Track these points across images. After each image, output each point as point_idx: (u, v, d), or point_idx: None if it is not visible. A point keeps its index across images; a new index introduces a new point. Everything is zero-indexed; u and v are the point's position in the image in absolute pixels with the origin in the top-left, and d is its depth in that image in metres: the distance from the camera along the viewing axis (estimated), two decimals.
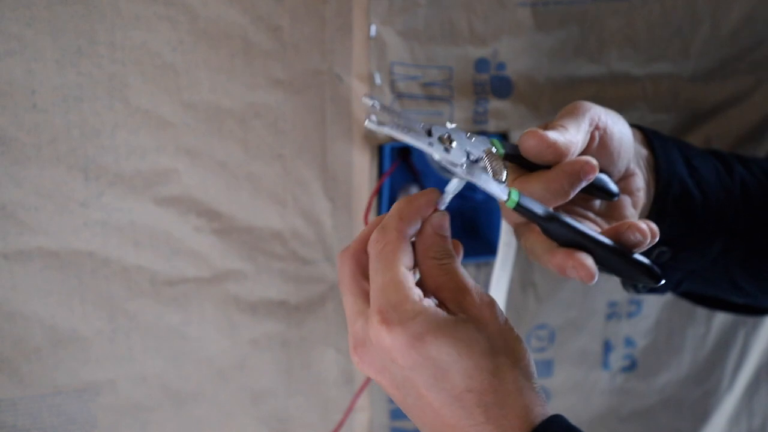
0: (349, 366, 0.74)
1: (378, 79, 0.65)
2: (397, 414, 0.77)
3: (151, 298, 0.66)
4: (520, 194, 0.48)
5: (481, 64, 0.66)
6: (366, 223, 0.66)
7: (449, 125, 0.47)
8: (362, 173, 0.68)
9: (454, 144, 0.46)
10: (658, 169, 0.57)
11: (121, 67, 0.60)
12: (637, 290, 0.61)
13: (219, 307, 0.68)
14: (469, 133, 0.47)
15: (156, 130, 0.62)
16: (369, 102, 0.46)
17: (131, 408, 0.69)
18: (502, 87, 0.67)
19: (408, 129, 0.45)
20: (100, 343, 0.66)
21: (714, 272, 0.61)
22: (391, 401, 0.77)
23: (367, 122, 0.44)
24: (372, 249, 0.46)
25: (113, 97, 0.60)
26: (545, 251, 0.49)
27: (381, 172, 0.68)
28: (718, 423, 0.87)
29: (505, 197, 0.48)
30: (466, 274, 0.47)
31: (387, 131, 0.45)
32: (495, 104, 0.68)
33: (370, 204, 0.67)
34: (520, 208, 0.48)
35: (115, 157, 0.62)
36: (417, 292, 0.44)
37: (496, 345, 0.44)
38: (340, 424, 0.73)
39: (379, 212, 0.70)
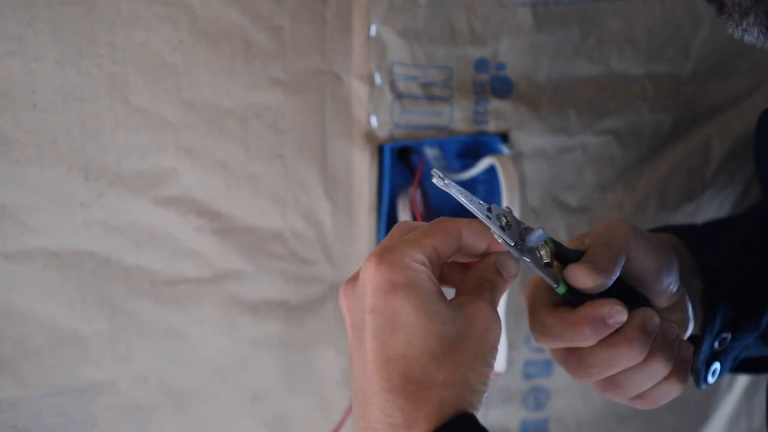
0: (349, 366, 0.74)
1: (378, 79, 0.65)
2: None
3: (151, 298, 0.66)
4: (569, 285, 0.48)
5: (481, 64, 0.66)
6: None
7: (504, 206, 0.48)
8: (362, 173, 0.68)
9: (510, 223, 0.47)
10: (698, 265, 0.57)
11: (122, 67, 0.60)
12: (708, 383, 0.60)
13: (219, 307, 0.68)
14: (524, 224, 0.48)
15: (156, 130, 0.62)
16: (438, 174, 0.46)
17: (131, 408, 0.69)
18: (502, 87, 0.67)
19: (470, 198, 0.46)
20: (100, 343, 0.66)
21: (764, 338, 0.61)
22: None
23: (435, 179, 0.46)
24: (430, 222, 0.46)
25: (113, 97, 0.60)
26: (562, 319, 0.49)
27: (381, 172, 0.68)
28: (718, 423, 0.87)
29: (556, 285, 0.48)
30: (497, 300, 0.46)
31: (454, 192, 0.46)
32: (495, 104, 0.68)
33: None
34: (569, 296, 0.49)
35: (116, 157, 0.62)
36: (423, 260, 0.44)
37: (461, 343, 0.43)
38: (340, 424, 0.73)
39: (378, 213, 0.70)
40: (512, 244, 0.46)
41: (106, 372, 0.67)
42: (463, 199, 0.46)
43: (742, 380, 0.86)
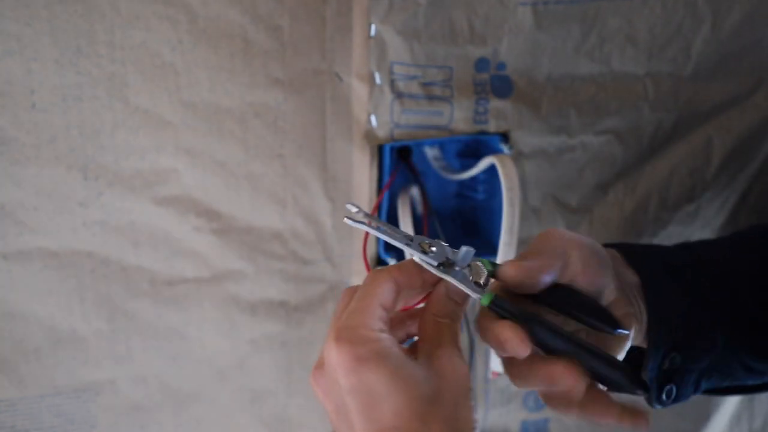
0: None
1: (378, 79, 0.65)
2: None
3: (150, 298, 0.66)
4: (496, 296, 0.48)
5: (481, 64, 0.66)
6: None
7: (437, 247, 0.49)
8: (362, 173, 0.68)
9: (434, 249, 0.48)
10: (646, 296, 0.56)
11: (121, 66, 0.60)
12: (662, 403, 0.59)
13: (219, 307, 0.68)
14: (454, 250, 0.49)
15: (155, 129, 0.62)
16: (353, 209, 0.48)
17: (131, 408, 0.69)
18: (502, 87, 0.67)
19: (388, 232, 0.48)
20: (99, 343, 0.66)
21: (725, 362, 0.60)
22: None
23: (345, 219, 0.46)
24: (362, 281, 0.47)
25: (113, 97, 0.60)
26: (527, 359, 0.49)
27: (381, 172, 0.68)
28: (719, 424, 0.87)
29: (478, 296, 0.48)
30: (458, 338, 0.47)
31: (374, 230, 0.47)
32: (495, 104, 0.67)
33: (375, 207, 0.67)
34: (495, 307, 0.48)
35: (115, 156, 0.62)
36: (379, 325, 0.45)
37: (440, 398, 0.43)
38: None
39: (379, 214, 0.70)
40: (435, 264, 0.47)
41: (105, 372, 0.67)
42: (382, 235, 0.47)
43: None
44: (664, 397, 0.58)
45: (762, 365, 0.62)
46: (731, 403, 0.86)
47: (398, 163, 0.71)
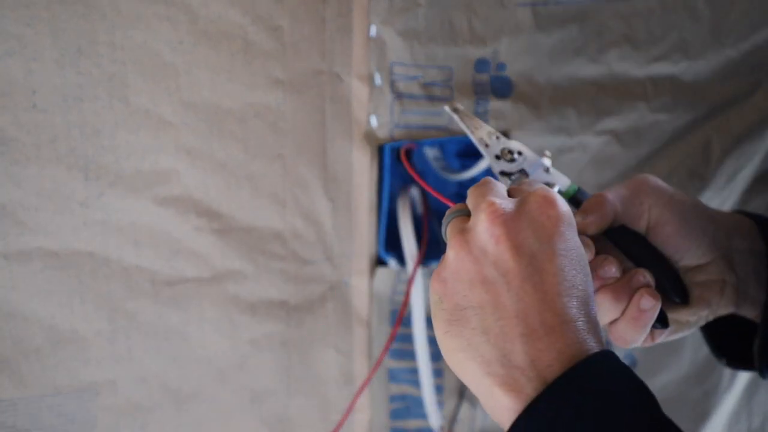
0: (350, 366, 0.74)
1: (378, 79, 0.65)
2: (396, 414, 0.77)
3: (150, 298, 0.66)
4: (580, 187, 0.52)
5: (481, 64, 0.66)
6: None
7: (545, 159, 0.53)
8: (362, 173, 0.68)
9: (516, 157, 0.51)
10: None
11: (121, 66, 0.60)
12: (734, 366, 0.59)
13: (219, 307, 0.68)
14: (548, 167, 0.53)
15: (156, 130, 0.62)
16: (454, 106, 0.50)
17: (131, 408, 0.69)
18: (502, 87, 0.67)
19: (470, 128, 0.52)
20: (99, 343, 0.66)
21: None
22: (391, 401, 0.77)
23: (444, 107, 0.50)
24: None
25: (113, 97, 0.60)
26: None
27: (381, 172, 0.68)
28: (718, 423, 0.87)
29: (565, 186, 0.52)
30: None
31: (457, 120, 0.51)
32: (495, 104, 0.68)
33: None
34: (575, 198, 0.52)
35: (115, 157, 0.62)
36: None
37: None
38: (340, 425, 0.73)
39: (378, 211, 0.70)
40: (509, 172, 0.54)
41: (105, 372, 0.67)
42: (464, 127, 0.53)
43: (743, 379, 0.86)
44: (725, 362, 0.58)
45: None
46: (730, 402, 0.87)
47: (398, 163, 0.71)
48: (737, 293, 0.54)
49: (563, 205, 0.44)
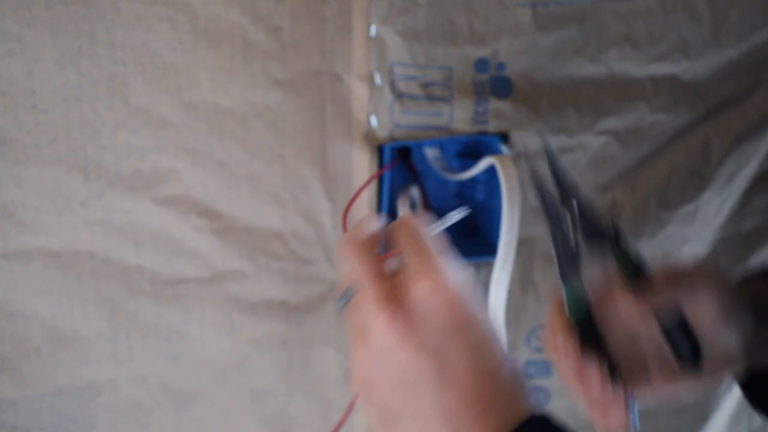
0: (350, 366, 0.74)
1: (378, 80, 0.65)
2: None
3: (151, 298, 0.66)
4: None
5: (480, 65, 0.66)
6: (344, 221, 0.66)
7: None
8: (362, 173, 0.68)
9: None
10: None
11: (122, 67, 0.60)
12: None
13: (219, 307, 0.68)
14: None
15: (156, 130, 0.62)
16: None
17: (131, 408, 0.69)
18: (502, 87, 0.67)
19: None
20: (100, 343, 0.66)
21: None
22: None
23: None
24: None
25: (113, 97, 0.60)
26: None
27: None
28: (718, 423, 0.87)
29: None
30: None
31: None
32: (495, 104, 0.68)
33: (351, 202, 0.67)
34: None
35: (116, 157, 0.62)
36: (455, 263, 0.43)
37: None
38: (340, 424, 0.73)
39: (378, 211, 0.70)
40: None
41: (105, 372, 0.67)
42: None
43: None
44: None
45: None
46: (730, 403, 0.86)
47: (398, 162, 0.71)
48: (749, 359, 0.55)
49: (454, 285, 0.41)
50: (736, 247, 0.81)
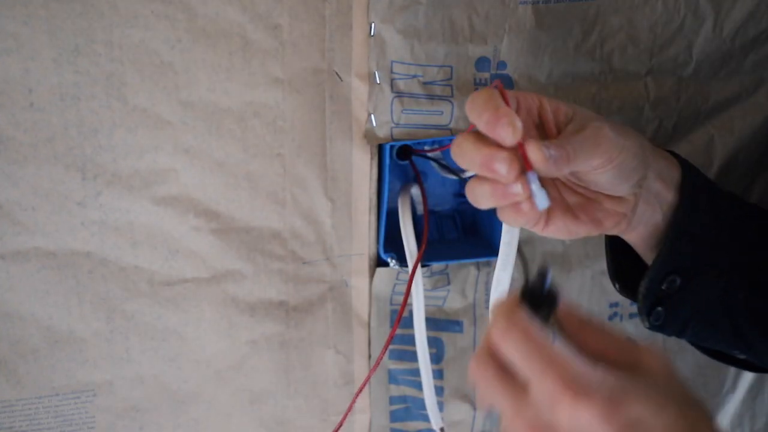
0: (349, 367, 0.73)
1: (378, 78, 0.64)
2: (396, 415, 0.77)
3: (149, 298, 0.66)
4: None
5: (481, 63, 0.66)
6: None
7: None
8: (362, 172, 0.67)
9: None
10: (681, 203, 0.58)
11: (119, 65, 0.60)
12: (649, 324, 0.61)
13: (217, 307, 0.68)
14: None
15: (154, 129, 0.62)
16: None
17: (129, 409, 0.68)
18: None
19: None
20: (97, 344, 0.66)
21: (718, 315, 0.61)
22: (391, 402, 0.76)
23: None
24: (510, 349, 0.43)
25: (111, 96, 0.60)
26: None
27: (381, 172, 0.68)
28: (721, 425, 0.86)
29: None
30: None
31: None
32: None
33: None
34: None
35: (113, 156, 0.62)
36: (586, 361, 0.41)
37: (683, 397, 0.41)
38: (340, 426, 0.72)
39: (378, 211, 0.69)
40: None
41: (103, 373, 0.67)
42: None
43: (745, 381, 0.85)
44: (652, 318, 0.60)
45: (752, 332, 0.62)
46: (733, 404, 0.86)
47: (398, 162, 0.70)
48: (629, 228, 0.57)
49: (595, 399, 0.39)
50: None
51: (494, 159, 0.50)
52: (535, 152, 0.49)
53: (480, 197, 0.53)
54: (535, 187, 0.50)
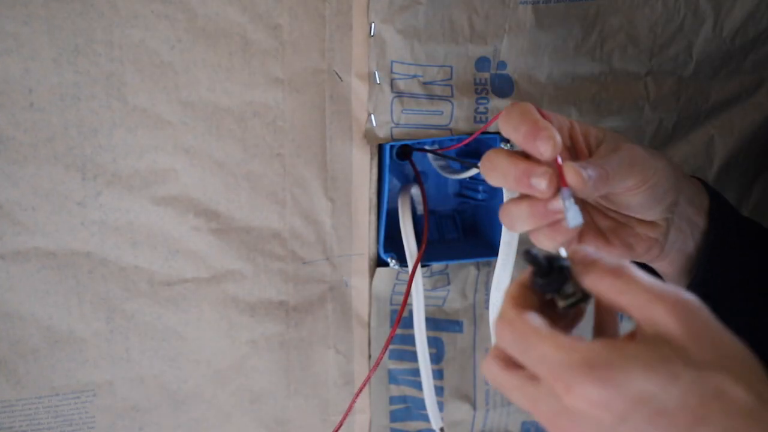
0: (349, 367, 0.73)
1: (378, 78, 0.64)
2: (396, 415, 0.77)
3: (149, 298, 0.66)
4: None
5: (481, 63, 0.66)
6: None
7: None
8: (362, 172, 0.67)
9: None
10: (712, 228, 0.56)
11: (119, 65, 0.60)
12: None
13: (217, 307, 0.68)
14: None
15: (154, 129, 0.62)
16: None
17: (129, 409, 0.68)
18: (502, 86, 0.67)
19: None
20: (97, 344, 0.66)
21: (745, 340, 0.60)
22: (391, 402, 0.76)
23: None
24: (506, 344, 0.42)
25: (111, 96, 0.60)
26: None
27: (381, 172, 0.68)
28: None
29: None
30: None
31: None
32: (496, 103, 0.67)
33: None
34: None
35: (113, 156, 0.62)
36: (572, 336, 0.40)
37: (714, 357, 0.38)
38: (340, 426, 0.72)
39: (378, 211, 0.69)
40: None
41: (103, 373, 0.67)
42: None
43: None
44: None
45: None
46: None
47: (398, 162, 0.70)
48: (662, 254, 0.56)
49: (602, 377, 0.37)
50: None
51: (532, 174, 0.47)
52: (573, 173, 0.47)
53: (517, 219, 0.49)
54: (569, 203, 0.47)
